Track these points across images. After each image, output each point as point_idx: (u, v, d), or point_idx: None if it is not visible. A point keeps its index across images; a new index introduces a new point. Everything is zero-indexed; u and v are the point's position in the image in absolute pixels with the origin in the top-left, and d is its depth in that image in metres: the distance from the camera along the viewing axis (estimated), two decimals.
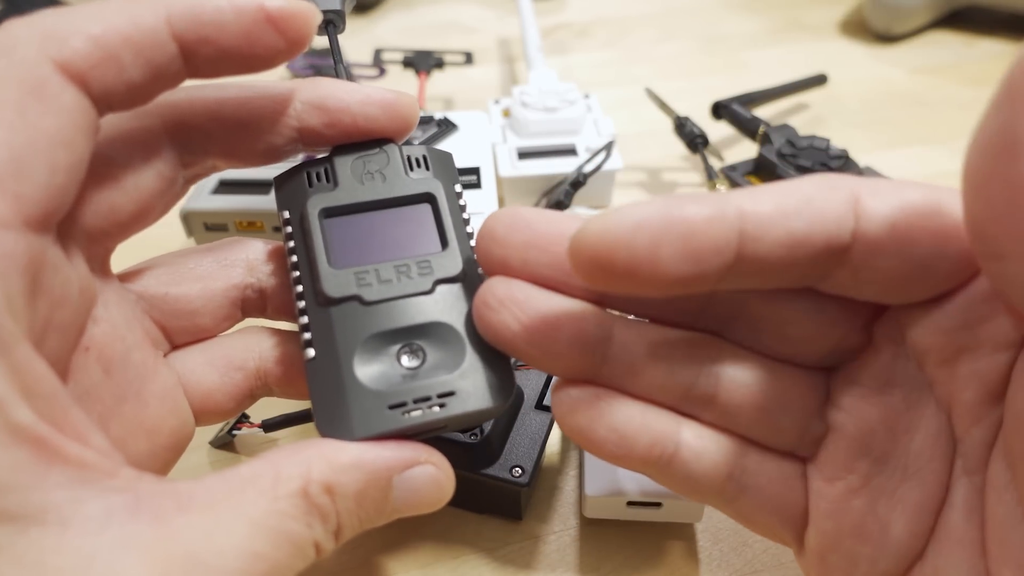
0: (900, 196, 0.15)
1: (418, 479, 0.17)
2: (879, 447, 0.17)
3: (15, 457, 0.13)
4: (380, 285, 0.18)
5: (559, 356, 0.17)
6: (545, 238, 0.16)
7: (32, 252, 0.14)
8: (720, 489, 0.18)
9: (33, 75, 0.14)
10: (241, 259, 0.21)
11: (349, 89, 0.19)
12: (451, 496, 0.18)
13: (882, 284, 0.15)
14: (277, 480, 0.15)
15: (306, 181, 0.19)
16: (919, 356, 0.16)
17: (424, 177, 0.20)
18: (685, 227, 0.14)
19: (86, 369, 0.17)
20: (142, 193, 0.18)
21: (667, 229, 0.14)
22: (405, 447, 0.17)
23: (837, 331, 0.17)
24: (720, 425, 0.18)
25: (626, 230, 0.14)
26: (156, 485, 0.15)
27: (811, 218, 0.15)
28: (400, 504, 0.17)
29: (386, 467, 0.16)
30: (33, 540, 0.13)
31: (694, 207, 0.14)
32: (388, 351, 0.18)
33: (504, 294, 0.16)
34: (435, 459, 0.17)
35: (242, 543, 0.14)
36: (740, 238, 0.14)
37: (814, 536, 0.18)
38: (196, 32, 0.16)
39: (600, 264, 0.14)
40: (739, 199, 0.15)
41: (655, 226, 0.14)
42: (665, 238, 0.14)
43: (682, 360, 0.17)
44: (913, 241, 0.15)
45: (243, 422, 0.28)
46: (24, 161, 0.14)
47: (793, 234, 0.15)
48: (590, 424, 0.17)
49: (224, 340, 0.21)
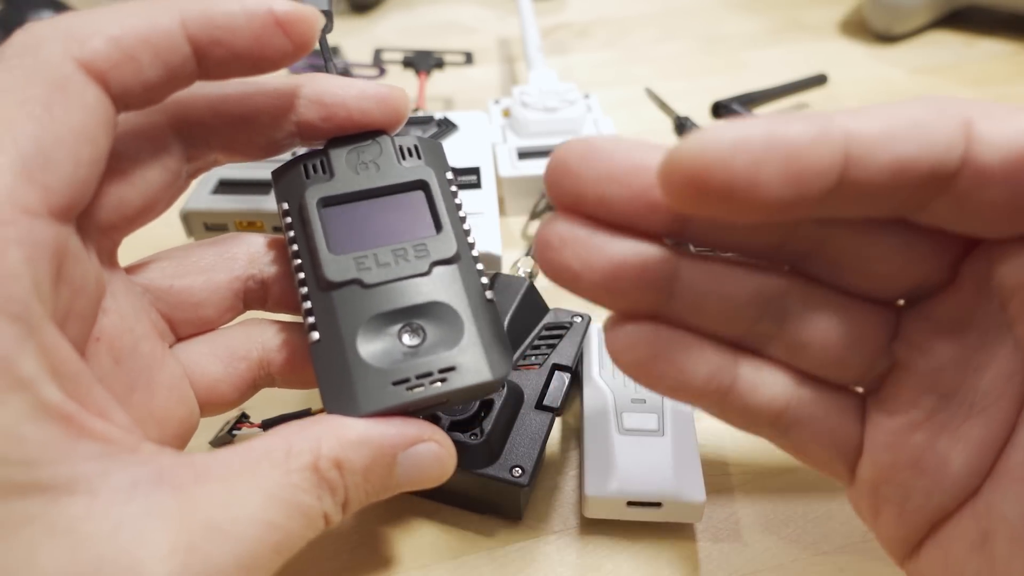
0: (1016, 123, 0.14)
1: (422, 456, 0.18)
2: (947, 384, 0.16)
3: (46, 433, 0.14)
4: (379, 268, 0.19)
5: (624, 295, 0.16)
6: (625, 170, 0.15)
7: (57, 241, 0.15)
8: (773, 422, 0.17)
9: (58, 73, 0.15)
10: (243, 252, 0.22)
11: (344, 84, 0.20)
12: (452, 471, 0.19)
13: (985, 216, 0.15)
14: (289, 454, 0.16)
15: (303, 173, 0.20)
16: (1005, 294, 0.15)
17: (416, 165, 0.20)
18: (788, 148, 0.13)
19: (97, 358, 0.17)
20: (149, 187, 0.19)
21: (769, 149, 0.13)
22: (409, 425, 0.18)
23: (923, 268, 0.16)
24: (784, 360, 0.17)
25: (725, 148, 0.13)
26: (176, 458, 0.16)
27: (920, 141, 0.14)
28: (404, 479, 0.18)
29: (391, 444, 0.17)
30: (64, 509, 0.14)
31: (798, 126, 0.13)
32: (389, 331, 0.18)
33: (567, 234, 0.16)
34: (438, 436, 0.18)
35: (257, 513, 0.15)
36: (845, 161, 0.14)
37: (868, 468, 0.17)
38: (209, 35, 0.17)
39: (696, 184, 0.13)
40: (844, 119, 0.14)
41: (757, 145, 0.13)
42: (767, 158, 0.13)
43: (748, 299, 0.17)
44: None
45: (243, 422, 0.28)
46: (51, 154, 0.15)
47: (901, 158, 0.14)
48: (649, 359, 0.17)
49: (227, 331, 0.21)
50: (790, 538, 0.25)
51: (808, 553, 0.24)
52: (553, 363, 0.27)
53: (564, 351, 0.28)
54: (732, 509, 0.26)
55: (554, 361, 0.27)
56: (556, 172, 0.16)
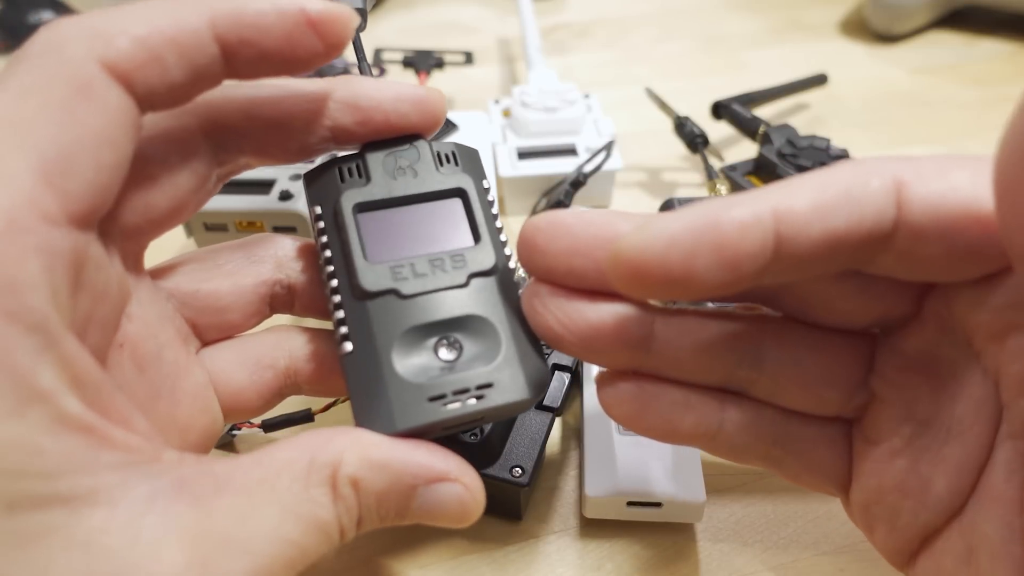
0: (945, 181, 0.14)
1: (444, 496, 0.17)
2: (922, 412, 0.17)
3: (67, 444, 0.13)
4: (416, 279, 0.18)
5: (604, 354, 0.18)
6: (587, 244, 0.17)
7: (77, 248, 0.15)
8: (765, 456, 0.19)
9: (80, 74, 0.15)
10: (271, 255, 0.21)
11: (381, 87, 0.19)
12: (476, 518, 0.18)
13: (927, 267, 0.15)
14: (311, 467, 0.16)
15: (338, 177, 0.19)
16: (967, 331, 0.16)
17: (454, 172, 0.20)
18: (719, 239, 0.14)
19: (120, 366, 0.17)
20: (178, 191, 0.18)
21: (700, 242, 0.14)
22: (439, 458, 0.17)
23: (884, 304, 0.17)
24: (767, 400, 0.18)
25: (661, 246, 0.14)
26: (197, 467, 0.15)
27: (851, 212, 0.14)
28: (421, 513, 0.17)
29: (412, 475, 0.17)
30: (83, 520, 0.13)
31: (727, 215, 0.14)
32: (426, 344, 0.18)
33: (547, 300, 0.17)
34: (467, 479, 0.17)
35: (274, 528, 0.15)
36: (776, 241, 0.14)
37: (858, 491, 0.18)
38: (238, 34, 0.16)
39: (637, 278, 0.15)
40: (774, 199, 0.15)
41: (688, 240, 0.14)
42: (699, 251, 0.14)
43: (723, 350, 0.18)
44: (960, 229, 0.14)
45: (243, 422, 0.28)
46: (72, 159, 0.14)
47: (832, 231, 0.14)
48: (637, 413, 0.18)
49: (254, 338, 0.21)
50: (790, 538, 0.25)
51: (808, 553, 0.25)
52: (553, 363, 0.27)
53: None
54: (732, 509, 0.26)
55: (554, 361, 0.27)
56: (525, 248, 0.17)
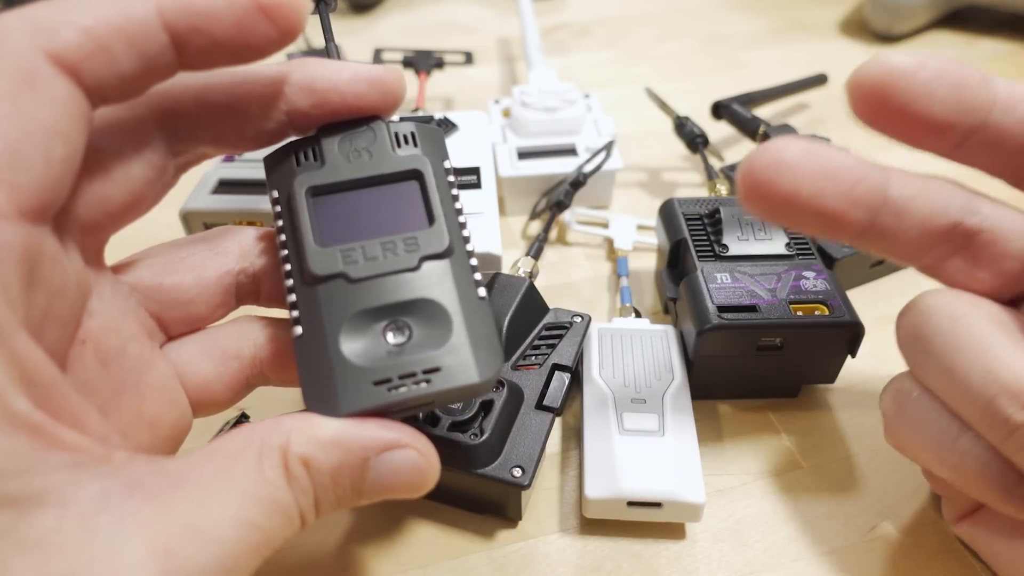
0: None
1: (397, 462, 0.17)
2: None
3: (14, 444, 0.13)
4: (366, 262, 0.18)
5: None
6: (840, 171, 0.17)
7: (29, 243, 0.14)
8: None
9: (25, 66, 0.14)
10: (234, 246, 0.21)
11: (337, 67, 0.19)
12: (433, 484, 0.18)
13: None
14: (262, 452, 0.15)
15: (294, 160, 0.19)
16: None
17: (412, 154, 0.19)
18: (958, 77, 0.17)
19: (83, 362, 0.17)
20: (133, 183, 0.18)
21: (943, 73, 0.17)
22: (388, 428, 0.17)
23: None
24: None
25: (910, 67, 0.17)
26: (148, 465, 0.15)
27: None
28: (378, 485, 0.17)
29: (362, 447, 0.16)
30: (34, 522, 0.13)
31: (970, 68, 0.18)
32: (374, 328, 0.18)
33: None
34: (418, 444, 0.17)
35: (236, 513, 0.15)
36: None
37: None
38: (188, 22, 0.16)
39: (885, 95, 0.17)
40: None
41: (934, 68, 0.17)
42: (940, 79, 0.17)
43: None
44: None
45: (243, 422, 0.28)
46: (20, 152, 0.14)
47: None
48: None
49: (218, 330, 0.21)
50: (790, 538, 0.25)
51: (808, 553, 0.24)
52: (553, 363, 0.27)
53: (564, 351, 0.28)
54: (732, 509, 0.26)
55: (554, 361, 0.27)
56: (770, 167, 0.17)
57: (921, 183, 0.18)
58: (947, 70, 0.17)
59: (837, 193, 0.17)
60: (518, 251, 0.38)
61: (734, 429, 0.29)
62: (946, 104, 0.17)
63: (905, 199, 0.18)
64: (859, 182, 0.17)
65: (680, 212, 0.32)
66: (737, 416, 0.29)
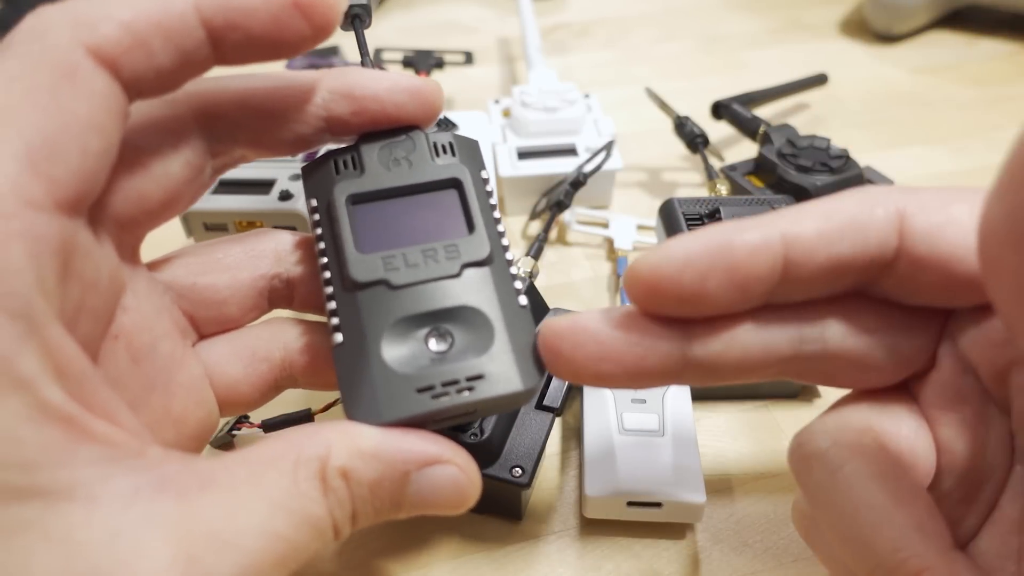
0: (945, 213, 0.16)
1: (438, 478, 0.17)
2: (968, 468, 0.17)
3: (45, 435, 0.13)
4: (407, 269, 0.18)
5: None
6: (614, 350, 0.16)
7: (64, 235, 0.14)
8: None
9: (66, 60, 0.14)
10: (270, 249, 0.21)
11: (376, 77, 0.19)
12: (474, 502, 0.17)
13: (927, 292, 0.16)
14: (298, 461, 0.15)
15: (333, 169, 0.19)
16: (974, 368, 0.17)
17: (450, 163, 0.20)
18: (730, 260, 0.15)
19: (115, 357, 0.17)
20: (171, 181, 0.18)
21: (713, 264, 0.15)
22: (430, 442, 0.17)
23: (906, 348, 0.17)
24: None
25: (675, 267, 0.15)
26: (181, 464, 0.15)
27: (855, 240, 0.16)
28: (417, 500, 0.17)
29: (404, 460, 0.16)
30: (61, 515, 0.13)
31: (739, 238, 0.15)
32: (416, 335, 0.18)
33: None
34: (460, 460, 0.17)
35: (262, 523, 0.14)
36: (784, 264, 0.16)
37: None
38: (225, 17, 0.16)
39: (653, 295, 0.16)
40: (783, 224, 0.16)
41: (702, 262, 0.15)
42: (711, 272, 0.15)
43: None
44: (958, 259, 0.15)
45: (243, 422, 0.28)
46: (57, 145, 0.14)
47: (837, 256, 0.16)
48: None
49: (250, 331, 0.21)
50: (790, 538, 0.25)
51: (809, 553, 0.24)
52: None
53: None
54: (732, 509, 0.26)
55: None
56: (551, 356, 0.17)
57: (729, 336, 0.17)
58: (715, 262, 0.15)
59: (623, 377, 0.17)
60: (518, 251, 0.38)
61: (734, 429, 0.29)
62: (725, 289, 0.16)
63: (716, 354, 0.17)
64: (644, 359, 0.16)
65: (680, 212, 0.32)
66: (737, 416, 0.29)
